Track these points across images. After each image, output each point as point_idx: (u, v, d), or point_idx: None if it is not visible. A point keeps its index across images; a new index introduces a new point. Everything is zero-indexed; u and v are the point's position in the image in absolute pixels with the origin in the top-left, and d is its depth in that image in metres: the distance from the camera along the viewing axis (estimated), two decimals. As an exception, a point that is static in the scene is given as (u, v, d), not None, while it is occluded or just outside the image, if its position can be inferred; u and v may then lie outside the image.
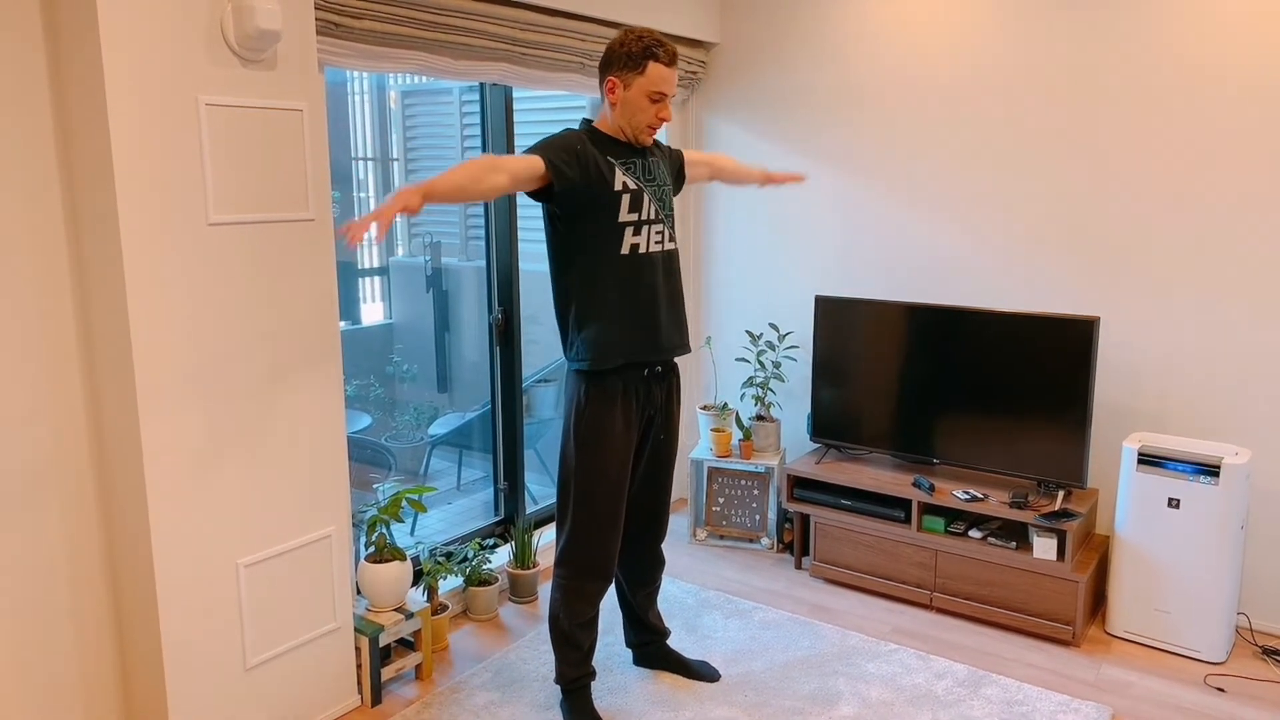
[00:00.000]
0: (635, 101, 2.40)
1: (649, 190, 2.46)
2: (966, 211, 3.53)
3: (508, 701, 2.76)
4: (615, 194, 2.40)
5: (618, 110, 2.43)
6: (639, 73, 2.38)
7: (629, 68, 2.38)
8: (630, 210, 2.42)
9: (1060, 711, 2.69)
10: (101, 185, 2.09)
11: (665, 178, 2.54)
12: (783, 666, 2.95)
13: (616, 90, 2.41)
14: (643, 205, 2.44)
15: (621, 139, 2.46)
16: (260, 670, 2.49)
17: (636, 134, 2.45)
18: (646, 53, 2.37)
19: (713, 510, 3.93)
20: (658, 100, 2.41)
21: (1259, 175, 2.98)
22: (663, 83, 2.40)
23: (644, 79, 2.38)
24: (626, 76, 2.39)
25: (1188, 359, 3.18)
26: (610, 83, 2.41)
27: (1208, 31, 3.01)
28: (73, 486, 2.26)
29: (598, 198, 2.38)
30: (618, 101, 2.41)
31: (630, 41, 2.38)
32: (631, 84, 2.39)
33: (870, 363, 3.52)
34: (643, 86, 2.39)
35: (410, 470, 4.49)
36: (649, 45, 2.37)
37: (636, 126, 2.43)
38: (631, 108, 2.41)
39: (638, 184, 2.43)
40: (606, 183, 2.39)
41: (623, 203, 2.40)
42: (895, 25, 3.59)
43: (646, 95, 2.40)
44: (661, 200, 2.50)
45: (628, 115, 2.42)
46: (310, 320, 2.51)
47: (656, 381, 2.55)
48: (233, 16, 2.20)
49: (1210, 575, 2.91)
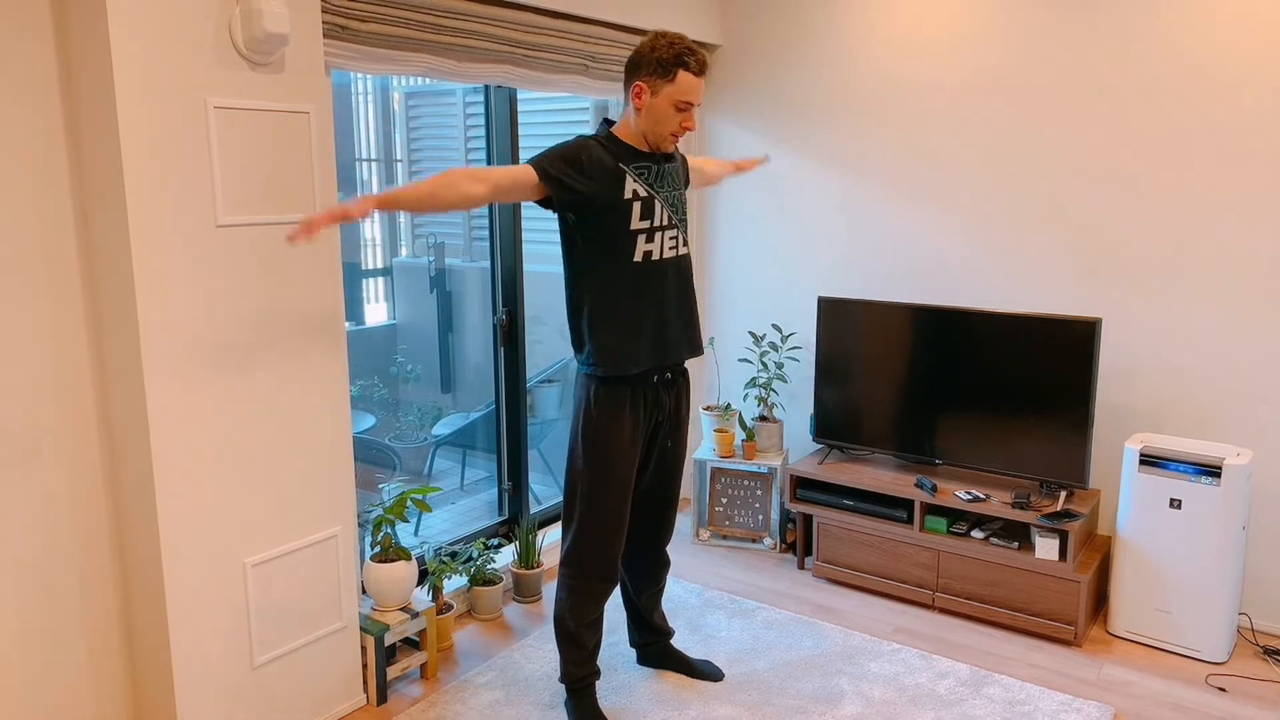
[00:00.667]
0: (662, 109, 2.35)
1: (661, 196, 2.43)
2: (968, 213, 3.54)
3: (512, 701, 2.78)
4: (626, 202, 2.37)
5: (643, 116, 2.38)
6: (669, 80, 2.33)
7: (659, 74, 2.33)
8: (642, 218, 2.39)
9: (1062, 711, 2.70)
10: (111, 187, 2.11)
11: (679, 182, 2.52)
12: (786, 666, 2.96)
13: (644, 96, 2.35)
14: (655, 212, 2.41)
15: (642, 146, 2.42)
16: (267, 669, 2.51)
17: (659, 142, 2.41)
18: (678, 60, 2.32)
19: (716, 510, 3.94)
20: (684, 109, 2.37)
21: (1260, 177, 2.99)
22: (691, 92, 2.35)
23: (673, 87, 2.33)
24: (655, 83, 2.34)
25: (1189, 360, 3.19)
26: (638, 87, 2.36)
27: (1208, 34, 3.02)
28: (82, 488, 2.27)
29: (608, 207, 2.35)
30: (644, 107, 2.36)
31: (662, 47, 2.32)
32: (660, 91, 2.34)
33: (873, 363, 3.54)
34: (671, 95, 2.34)
35: (415, 470, 4.50)
36: (680, 53, 2.32)
37: (660, 134, 2.39)
38: (657, 114, 2.36)
39: (649, 190, 2.40)
40: (617, 191, 2.36)
41: (634, 210, 2.38)
42: (897, 27, 3.60)
43: (674, 104, 2.35)
44: (674, 206, 2.47)
45: (652, 122, 2.38)
46: (316, 321, 2.52)
47: (666, 387, 2.55)
48: (241, 20, 2.21)
49: (1212, 575, 2.92)
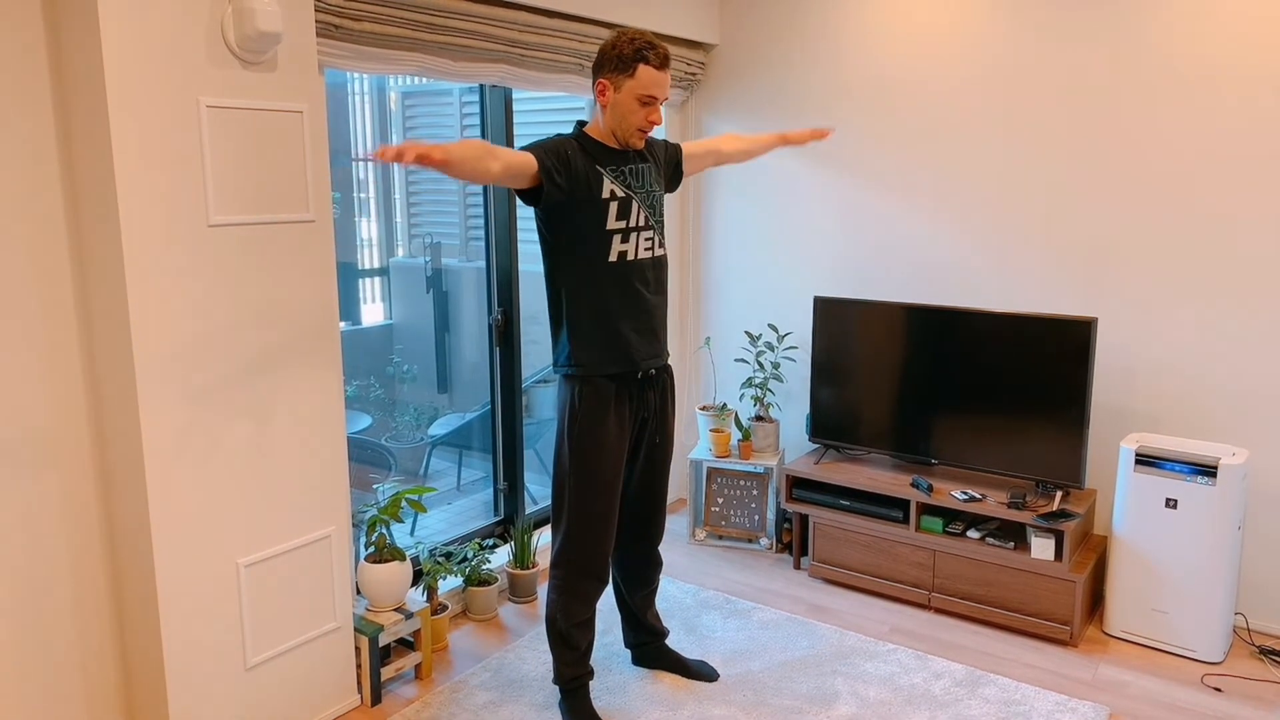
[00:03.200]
0: (625, 104, 2.37)
1: (638, 196, 2.44)
2: (964, 212, 3.54)
3: (507, 701, 2.77)
4: (603, 201, 2.38)
5: (608, 113, 2.40)
6: (629, 75, 2.35)
7: (619, 70, 2.35)
8: (618, 218, 2.40)
9: (1058, 711, 2.70)
10: (103, 187, 2.10)
11: (655, 182, 2.52)
12: (781, 666, 2.95)
13: (607, 93, 2.38)
14: (631, 212, 2.42)
15: (612, 144, 2.44)
16: (260, 670, 2.50)
17: (627, 137, 2.42)
18: (637, 55, 2.34)
19: (712, 510, 3.94)
20: (648, 103, 2.38)
21: (1255, 177, 2.99)
22: (654, 86, 2.36)
23: (634, 82, 2.35)
24: (617, 79, 2.36)
25: (1185, 359, 3.19)
26: (601, 85, 2.38)
27: (1203, 33, 3.01)
28: (74, 487, 2.27)
29: (585, 205, 2.37)
30: (608, 104, 2.39)
31: (622, 44, 2.35)
32: (622, 86, 2.36)
33: (869, 363, 3.53)
34: (632, 89, 2.35)
35: (410, 471, 4.49)
36: (640, 48, 2.34)
37: (627, 130, 2.41)
38: (621, 110, 2.38)
39: (626, 191, 2.42)
40: (594, 190, 2.37)
41: (610, 210, 2.39)
42: (894, 27, 3.59)
43: (637, 98, 2.36)
44: (651, 206, 2.48)
45: (618, 118, 2.39)
46: (311, 321, 2.52)
47: (650, 385, 2.55)
48: (233, 18, 2.21)
49: (1207, 575, 2.92)
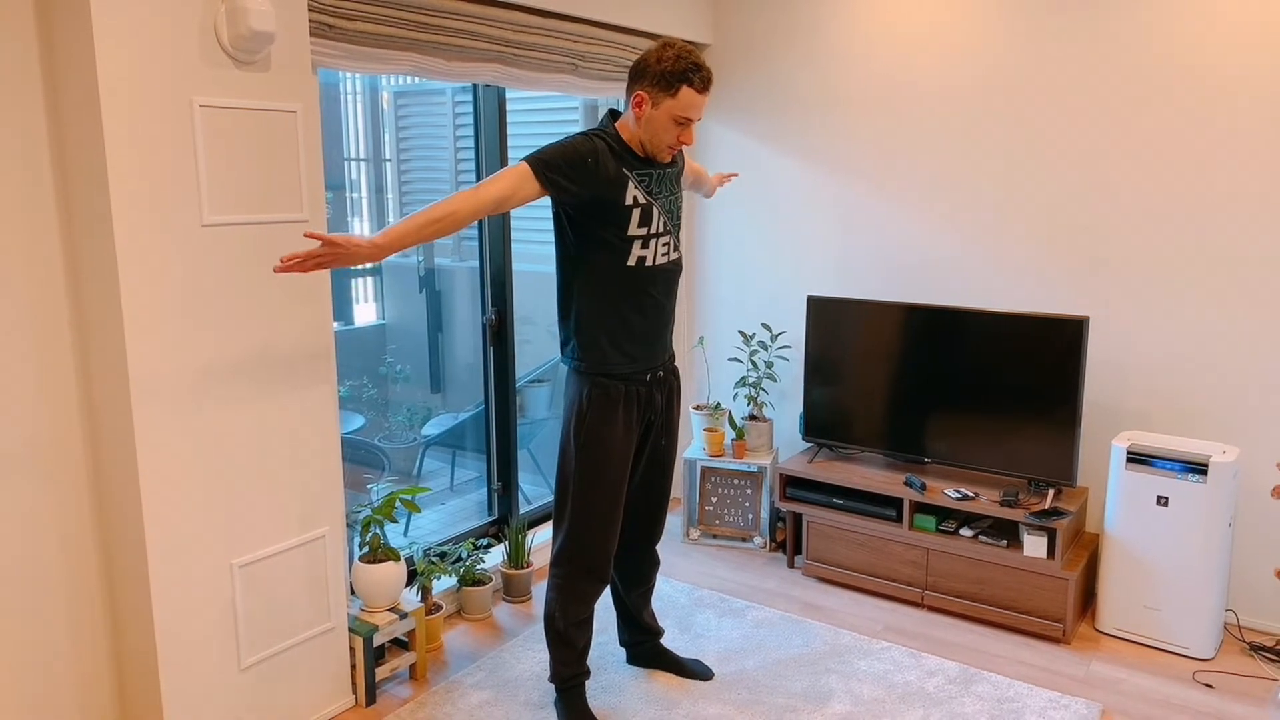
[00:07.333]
0: (660, 121, 2.30)
1: (659, 203, 2.41)
2: (956, 212, 3.55)
3: (502, 701, 2.77)
4: (626, 208, 2.34)
5: (641, 126, 2.32)
6: (670, 94, 2.26)
7: (661, 87, 2.26)
8: (640, 225, 2.37)
9: (1050, 708, 2.71)
10: (96, 187, 2.10)
11: (676, 188, 2.50)
12: (775, 664, 2.96)
13: (644, 106, 2.29)
14: (652, 219, 2.39)
15: (639, 152, 2.38)
16: (255, 670, 2.50)
17: (656, 153, 2.36)
18: (682, 76, 2.25)
19: (706, 509, 3.95)
20: (683, 124, 2.31)
21: (1246, 176, 3.01)
22: (693, 108, 2.28)
23: (674, 102, 2.27)
24: (656, 95, 2.27)
25: (1177, 358, 3.20)
26: (639, 96, 2.29)
27: (1197, 34, 3.03)
28: (67, 488, 2.26)
29: (608, 210, 2.33)
30: (642, 118, 2.31)
31: (668, 59, 2.25)
32: (660, 104, 2.28)
33: (862, 362, 3.54)
34: (671, 109, 2.28)
35: (404, 471, 4.49)
36: (685, 69, 2.25)
37: (656, 146, 2.34)
38: (655, 127, 2.31)
39: (648, 198, 2.38)
40: (618, 196, 2.32)
41: (633, 217, 2.35)
42: (888, 26, 3.60)
43: (674, 118, 2.29)
44: (671, 212, 2.45)
45: (650, 133, 2.32)
46: (304, 321, 2.51)
47: (658, 386, 2.55)
48: (226, 18, 2.20)
49: (1199, 572, 2.94)
